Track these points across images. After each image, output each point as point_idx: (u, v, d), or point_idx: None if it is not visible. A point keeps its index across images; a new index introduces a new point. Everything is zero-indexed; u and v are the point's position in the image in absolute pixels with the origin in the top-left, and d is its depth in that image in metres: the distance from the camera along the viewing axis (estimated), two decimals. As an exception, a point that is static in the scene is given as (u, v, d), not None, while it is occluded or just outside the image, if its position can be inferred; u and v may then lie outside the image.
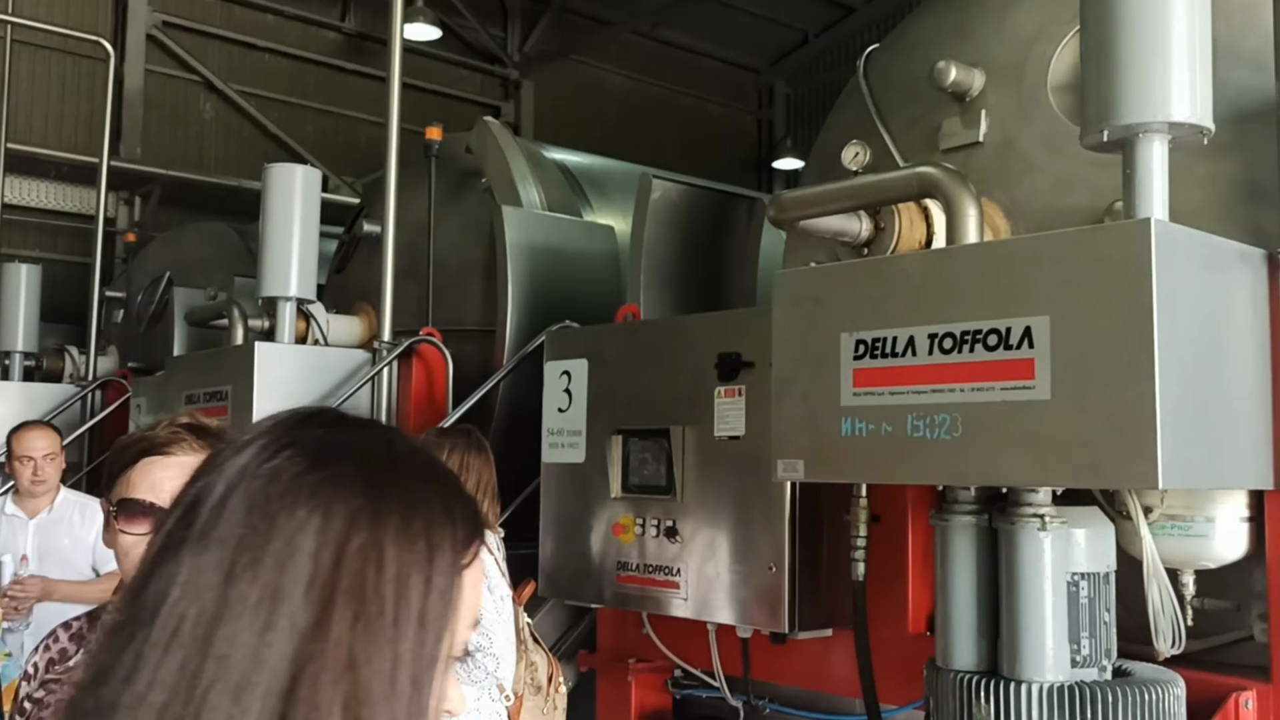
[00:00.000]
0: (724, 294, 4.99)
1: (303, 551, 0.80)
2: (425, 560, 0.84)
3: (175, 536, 0.84)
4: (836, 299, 2.76)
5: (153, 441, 1.81)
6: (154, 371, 7.27)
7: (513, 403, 5.25)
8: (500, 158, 5.75)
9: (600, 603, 4.01)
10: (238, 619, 0.78)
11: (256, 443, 0.88)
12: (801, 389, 2.81)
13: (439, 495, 0.88)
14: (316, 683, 0.78)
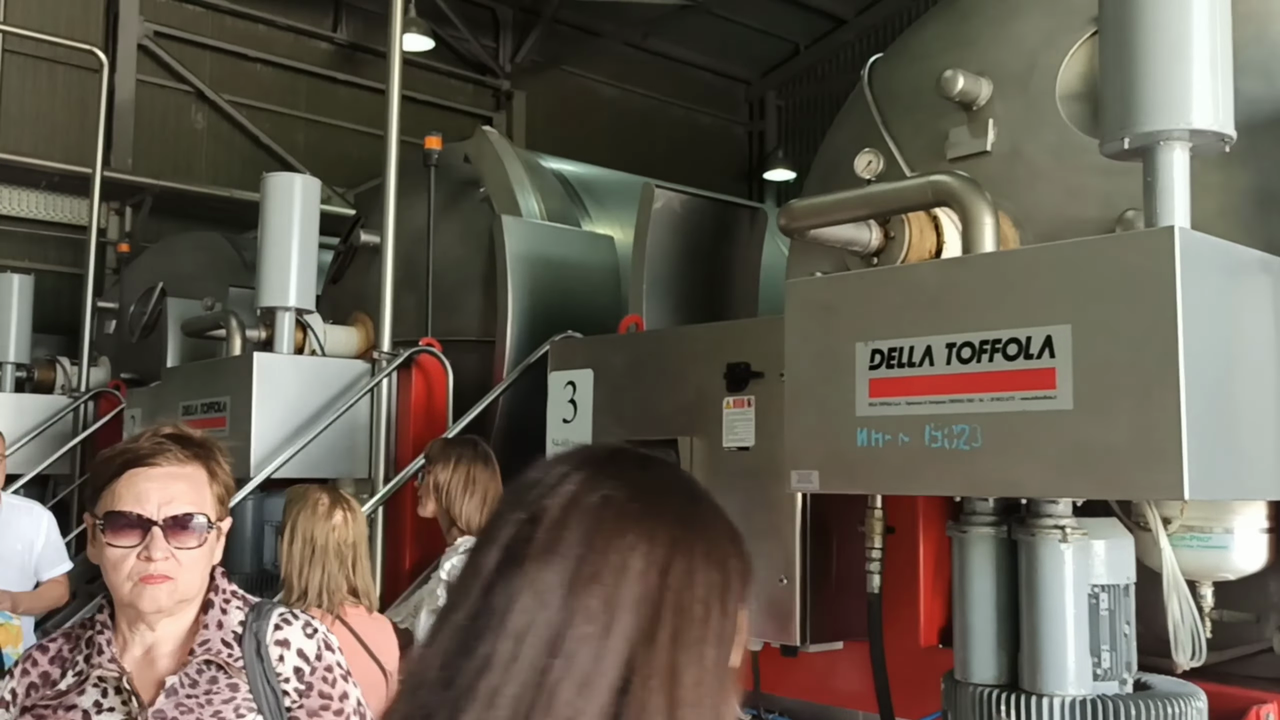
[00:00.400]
0: (726, 304, 4.96)
1: (633, 570, 0.93)
2: (722, 587, 0.97)
3: (516, 551, 0.95)
4: (851, 308, 2.74)
5: (136, 453, 1.77)
6: (147, 382, 7.21)
7: (512, 413, 5.21)
8: (499, 167, 5.72)
9: (605, 615, 3.97)
10: (582, 625, 0.91)
11: (578, 474, 0.99)
12: (815, 399, 2.79)
13: (728, 533, 1.03)
14: (646, 685, 0.90)
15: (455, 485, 3.55)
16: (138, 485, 1.74)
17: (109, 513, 1.74)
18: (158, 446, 1.78)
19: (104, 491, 1.77)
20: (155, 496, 1.74)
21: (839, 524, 3.39)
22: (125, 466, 1.76)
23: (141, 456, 1.76)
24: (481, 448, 3.67)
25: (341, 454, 5.08)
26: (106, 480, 1.77)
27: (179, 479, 1.77)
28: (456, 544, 3.52)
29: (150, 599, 1.73)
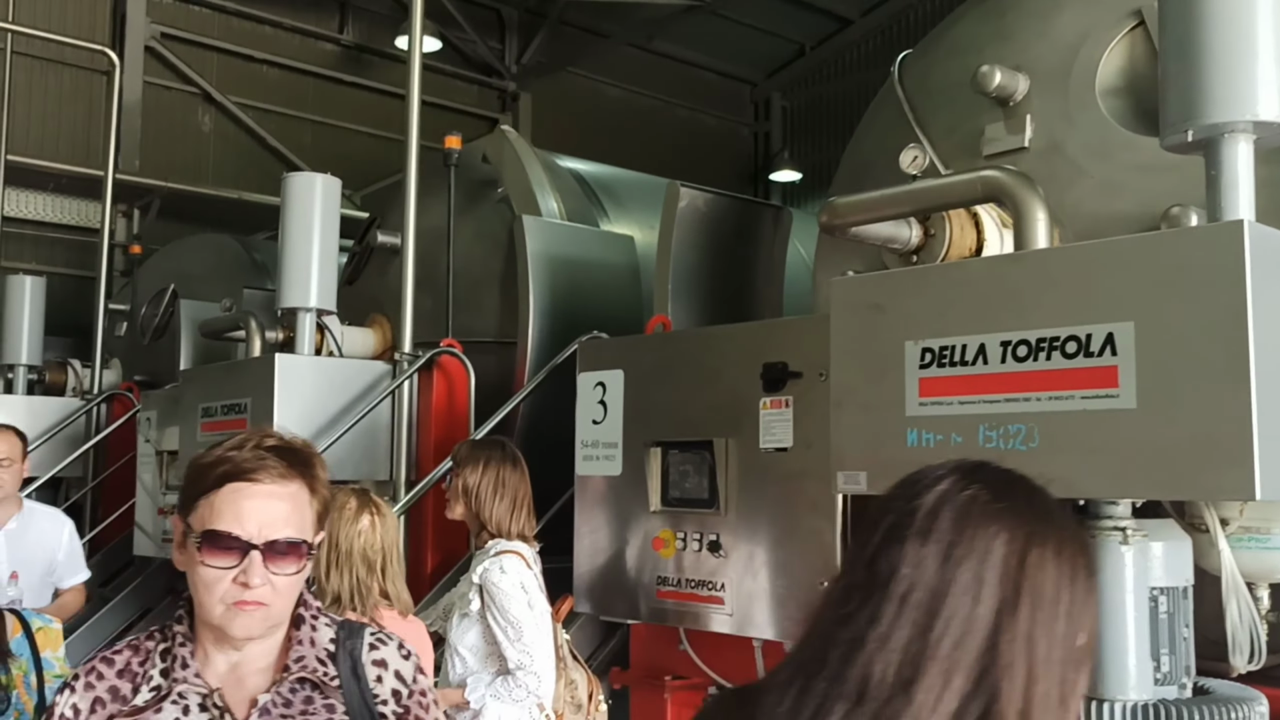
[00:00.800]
0: (749, 305, 4.91)
1: (995, 554, 1.14)
2: (1069, 577, 1.17)
3: (898, 531, 1.17)
4: (900, 306, 2.69)
5: (238, 467, 1.64)
6: (158, 385, 7.16)
7: (533, 414, 5.17)
8: (518, 167, 5.67)
9: (637, 618, 3.92)
10: (957, 595, 1.12)
11: (949, 477, 1.22)
12: (862, 399, 2.74)
13: (1076, 534, 1.22)
14: (1011, 646, 1.11)
15: (485, 488, 3.50)
16: (238, 504, 1.62)
17: (207, 531, 1.61)
18: (260, 461, 1.64)
19: (199, 502, 1.65)
20: (256, 517, 1.62)
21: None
22: (225, 479, 1.63)
23: (243, 471, 1.63)
24: (510, 449, 3.61)
25: (362, 456, 5.03)
26: (202, 490, 1.65)
27: (280, 499, 1.65)
28: (487, 547, 3.46)
29: (243, 626, 1.62)
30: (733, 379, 3.53)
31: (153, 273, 8.44)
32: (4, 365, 7.71)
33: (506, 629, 3.26)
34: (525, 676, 3.24)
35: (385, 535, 3.07)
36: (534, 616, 3.30)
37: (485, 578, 3.32)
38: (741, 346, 3.53)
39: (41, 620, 2.78)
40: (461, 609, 3.42)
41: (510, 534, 3.46)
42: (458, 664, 3.37)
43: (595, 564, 4.00)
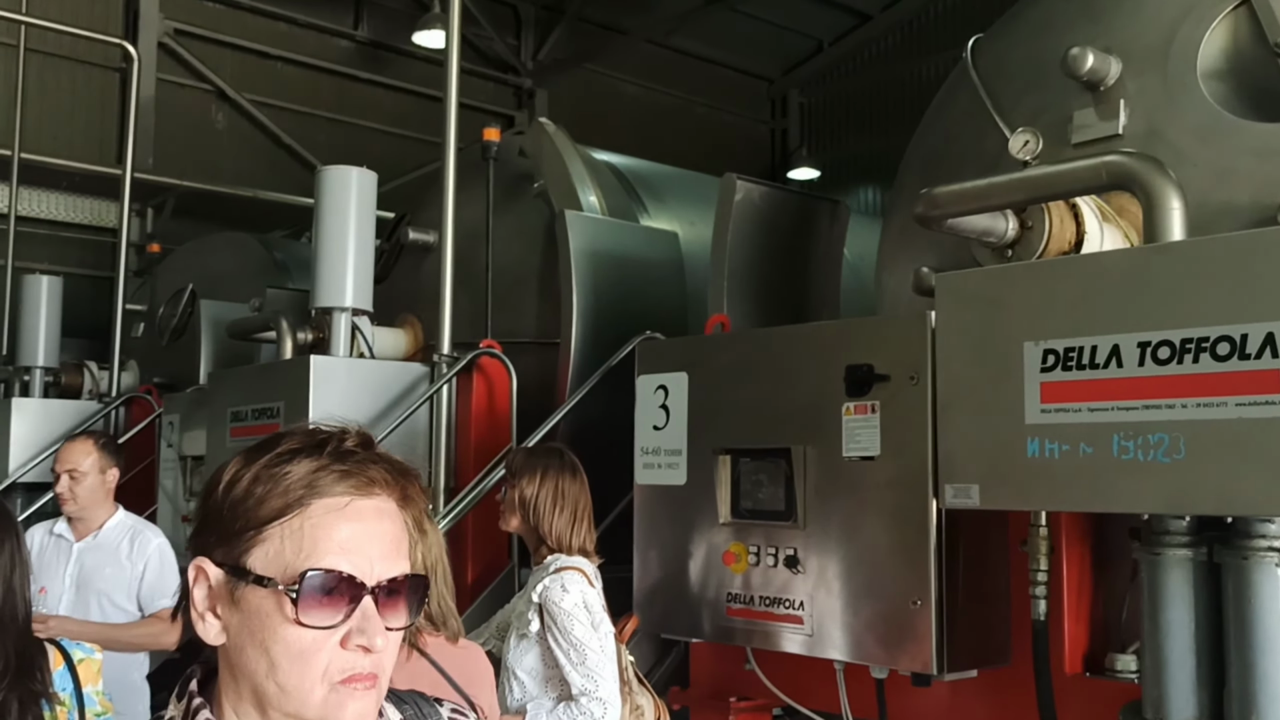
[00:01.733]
0: (805, 303, 4.69)
1: None
2: None
3: None
4: (1018, 303, 2.46)
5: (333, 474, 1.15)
6: (177, 387, 6.94)
7: (575, 418, 4.93)
8: (558, 161, 5.45)
9: (700, 636, 3.69)
10: None
11: None
12: (974, 405, 2.51)
13: None
14: None
15: (543, 500, 3.27)
16: (338, 528, 1.13)
17: (309, 573, 1.11)
18: (361, 466, 1.16)
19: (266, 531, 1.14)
20: (370, 547, 1.14)
21: (968, 540, 3.11)
22: (313, 494, 1.14)
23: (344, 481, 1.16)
24: (568, 458, 3.38)
25: (400, 462, 4.79)
26: (272, 515, 1.14)
27: (390, 518, 1.18)
28: (546, 563, 3.24)
29: (357, 713, 1.14)
30: (812, 382, 3.29)
31: (171, 272, 8.23)
32: (20, 367, 7.50)
33: (569, 652, 3.04)
34: (590, 703, 3.02)
35: (429, 552, 2.81)
36: (598, 638, 3.08)
37: (546, 597, 3.10)
38: (821, 347, 3.30)
39: (82, 651, 2.56)
40: (520, 629, 3.20)
41: (571, 548, 3.24)
42: (516, 688, 3.15)
43: (656, 579, 3.78)
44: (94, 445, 4.08)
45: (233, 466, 1.20)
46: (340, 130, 12.47)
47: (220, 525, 1.17)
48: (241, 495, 1.17)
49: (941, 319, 2.60)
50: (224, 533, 1.17)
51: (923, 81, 14.44)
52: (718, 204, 4.41)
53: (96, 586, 3.99)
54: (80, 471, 4.01)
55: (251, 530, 1.15)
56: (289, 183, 11.85)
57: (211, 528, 1.18)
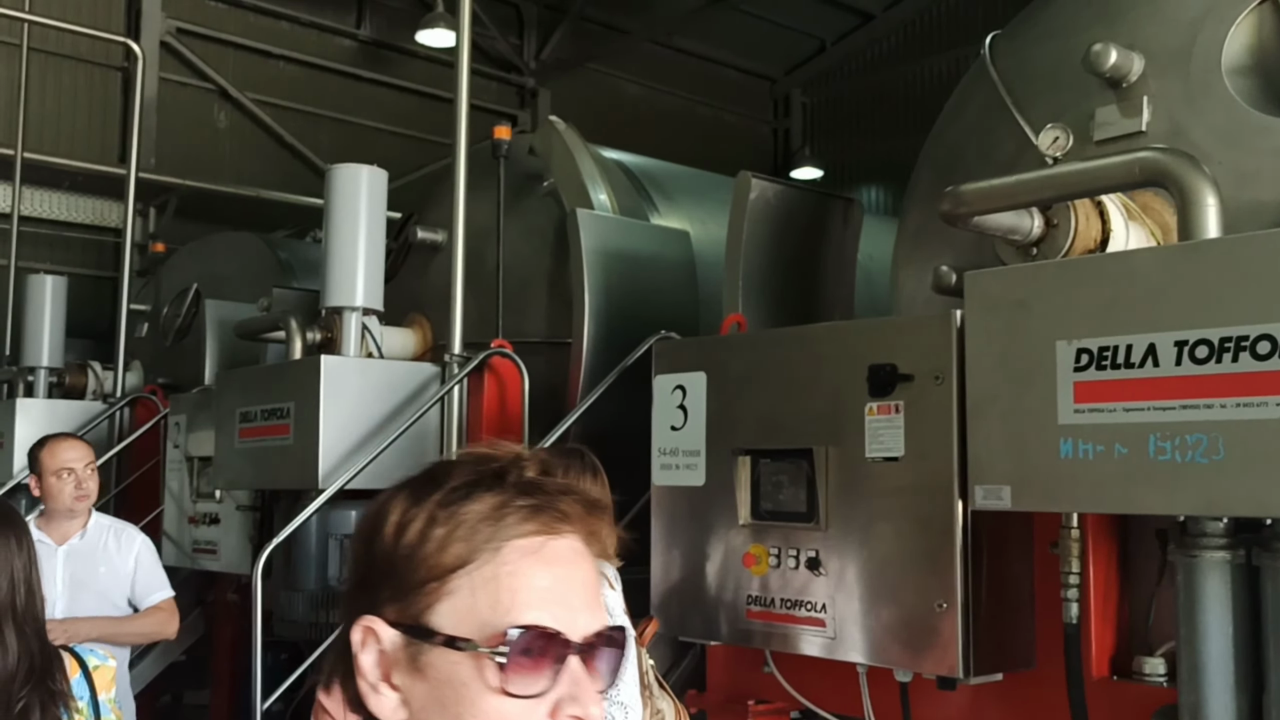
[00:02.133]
0: (819, 303, 4.66)
1: None
2: None
3: None
4: (1050, 303, 2.43)
5: (528, 507, 0.97)
6: (181, 387, 6.90)
7: (586, 419, 4.90)
8: (569, 159, 5.41)
9: (718, 639, 3.66)
10: None
11: None
12: (1004, 406, 2.48)
13: None
14: None
15: None
16: (540, 574, 0.95)
17: (511, 630, 0.93)
18: (552, 496, 0.98)
19: (452, 579, 0.95)
20: (572, 597, 0.97)
21: (992, 542, 3.08)
22: (506, 532, 0.96)
23: (541, 517, 0.97)
24: (589, 459, 3.35)
25: (411, 463, 4.73)
26: (461, 557, 0.95)
27: (584, 560, 1.01)
28: (567, 564, 3.21)
29: None
30: (834, 382, 3.26)
31: (174, 272, 8.18)
32: (25, 368, 7.45)
33: (591, 654, 3.01)
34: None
35: None
36: (621, 641, 3.04)
37: (569, 598, 3.06)
38: (844, 347, 3.26)
39: (97, 658, 2.53)
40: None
41: (592, 551, 3.20)
42: (537, 691, 3.11)
43: (673, 581, 3.74)
44: (88, 446, 4.09)
45: (398, 506, 0.99)
46: (342, 130, 12.43)
47: (393, 577, 0.97)
48: (416, 540, 0.96)
49: (971, 318, 2.57)
50: (400, 586, 0.96)
51: (926, 81, 14.43)
52: (732, 203, 4.37)
53: (94, 588, 3.97)
54: (93, 466, 4.02)
55: (433, 581, 0.95)
56: (291, 182, 11.82)
57: (380, 581, 0.97)
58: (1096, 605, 2.98)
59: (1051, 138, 2.82)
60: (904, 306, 4.08)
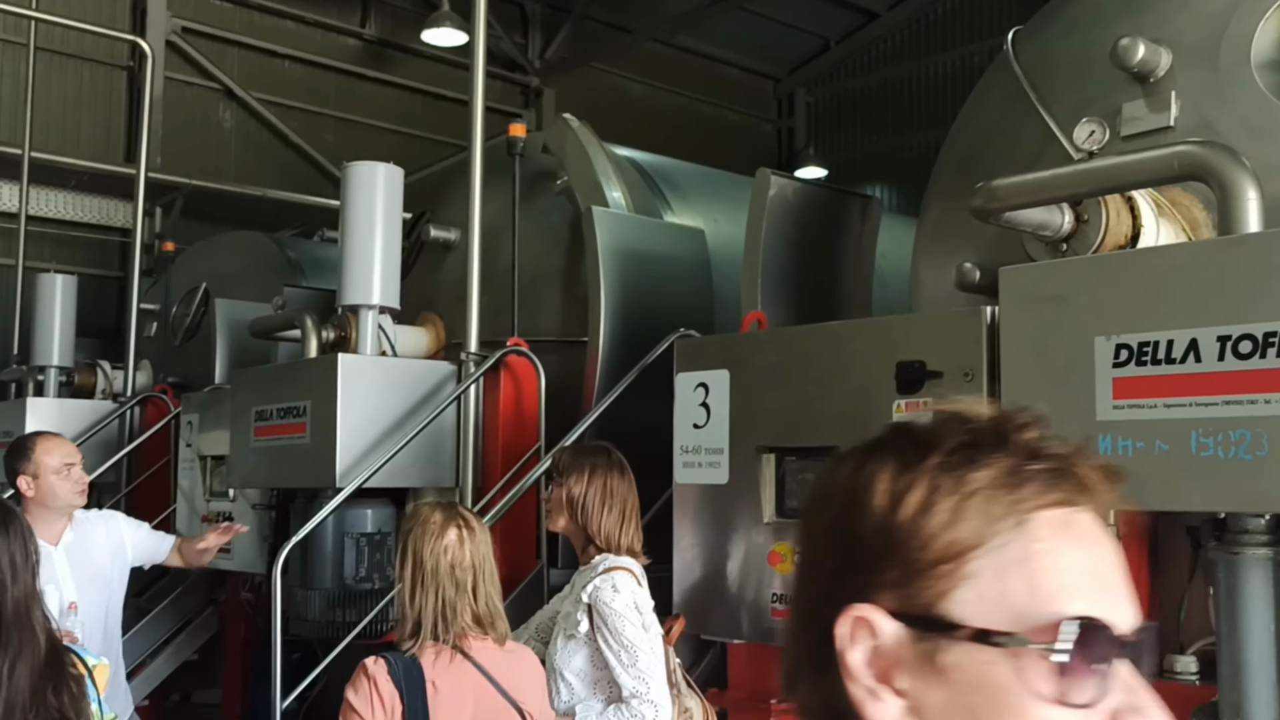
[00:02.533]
0: (838, 300, 4.64)
1: None
2: None
3: None
4: (1087, 298, 2.42)
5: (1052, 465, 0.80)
6: (190, 387, 6.89)
7: (601, 419, 4.88)
8: (583, 157, 5.40)
9: (741, 637, 3.64)
10: None
11: None
12: (1040, 402, 2.45)
13: None
14: None
15: (592, 499, 3.21)
16: (1078, 554, 0.79)
17: (1076, 620, 0.75)
18: (1070, 459, 0.81)
19: (972, 558, 0.78)
20: (1118, 583, 0.80)
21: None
22: (1028, 501, 0.79)
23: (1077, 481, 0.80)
24: (616, 456, 3.33)
25: (427, 461, 4.75)
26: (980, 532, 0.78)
27: (1111, 539, 0.84)
28: (594, 563, 3.18)
29: None
30: (860, 380, 3.24)
31: (182, 272, 8.17)
32: (35, 367, 7.43)
33: (620, 653, 2.98)
34: (641, 705, 2.97)
35: (475, 551, 2.75)
36: (649, 639, 3.02)
37: (596, 597, 3.04)
38: (870, 344, 3.25)
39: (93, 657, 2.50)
40: (567, 630, 3.14)
41: (620, 548, 3.18)
42: (564, 690, 3.09)
43: (695, 579, 3.73)
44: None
45: (884, 473, 0.82)
46: (347, 129, 12.42)
47: (890, 557, 0.79)
48: (918, 512, 0.79)
49: (1006, 314, 2.55)
50: (902, 568, 0.79)
51: (930, 79, 14.42)
52: (751, 200, 4.36)
53: (101, 578, 3.95)
54: (79, 463, 3.98)
55: (948, 562, 0.77)
56: (295, 182, 11.81)
57: (872, 562, 0.80)
58: (1127, 603, 2.95)
59: (1087, 131, 2.80)
60: (924, 304, 4.06)
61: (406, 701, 2.38)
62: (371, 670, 2.42)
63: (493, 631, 2.66)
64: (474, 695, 2.52)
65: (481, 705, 2.51)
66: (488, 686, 2.56)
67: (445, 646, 2.56)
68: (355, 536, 4.75)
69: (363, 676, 2.42)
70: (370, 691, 2.40)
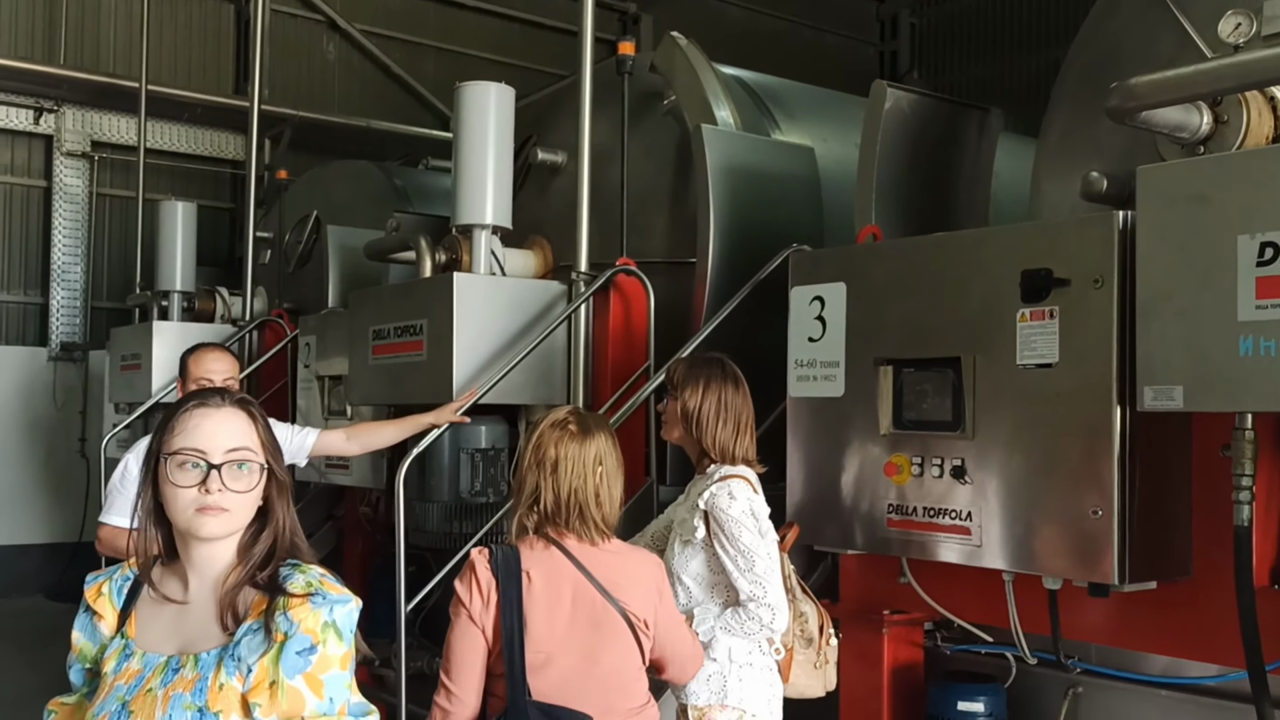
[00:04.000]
0: (953, 214, 4.56)
1: None
2: None
3: None
4: (1232, 196, 2.34)
5: None
6: (303, 311, 7.09)
7: (710, 340, 4.89)
8: (692, 76, 5.35)
9: (854, 548, 3.66)
10: None
11: None
12: (1179, 305, 2.41)
13: None
14: None
15: (707, 410, 3.24)
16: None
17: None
18: None
19: None
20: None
21: (1148, 448, 3.01)
22: None
23: None
24: (730, 368, 3.35)
25: (538, 380, 4.83)
26: None
27: None
28: (709, 472, 3.22)
29: None
30: (984, 290, 3.20)
31: (294, 201, 8.36)
32: (158, 291, 7.73)
33: (737, 559, 3.03)
34: (758, 609, 3.02)
35: (597, 452, 2.77)
36: (765, 545, 3.06)
37: (713, 504, 3.09)
38: (996, 252, 3.19)
39: None
40: (684, 536, 3.20)
41: (735, 458, 3.22)
42: (681, 593, 3.15)
43: (809, 491, 3.75)
44: (231, 355, 4.14)
45: None
46: (447, 59, 12.49)
47: None
48: None
49: (1144, 215, 2.48)
50: None
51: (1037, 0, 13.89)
52: (866, 113, 4.29)
53: None
54: (233, 379, 4.07)
55: None
56: (397, 112, 11.97)
57: None
58: (1259, 514, 2.90)
59: (1234, 24, 2.69)
60: (1046, 215, 3.98)
61: (502, 589, 2.45)
62: (474, 559, 2.52)
63: (600, 532, 2.68)
64: (572, 590, 2.56)
65: (580, 601, 2.55)
66: (585, 583, 2.59)
67: (547, 541, 2.61)
68: (470, 452, 4.88)
69: (467, 566, 2.52)
70: (470, 579, 2.49)
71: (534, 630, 2.46)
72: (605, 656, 2.56)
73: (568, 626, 2.51)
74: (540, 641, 2.47)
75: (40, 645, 7.99)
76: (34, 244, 10.59)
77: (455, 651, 2.49)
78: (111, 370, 8.08)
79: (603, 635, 2.56)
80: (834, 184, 5.38)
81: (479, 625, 2.46)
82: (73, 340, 10.46)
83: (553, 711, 2.44)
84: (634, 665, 2.63)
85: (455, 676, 2.48)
